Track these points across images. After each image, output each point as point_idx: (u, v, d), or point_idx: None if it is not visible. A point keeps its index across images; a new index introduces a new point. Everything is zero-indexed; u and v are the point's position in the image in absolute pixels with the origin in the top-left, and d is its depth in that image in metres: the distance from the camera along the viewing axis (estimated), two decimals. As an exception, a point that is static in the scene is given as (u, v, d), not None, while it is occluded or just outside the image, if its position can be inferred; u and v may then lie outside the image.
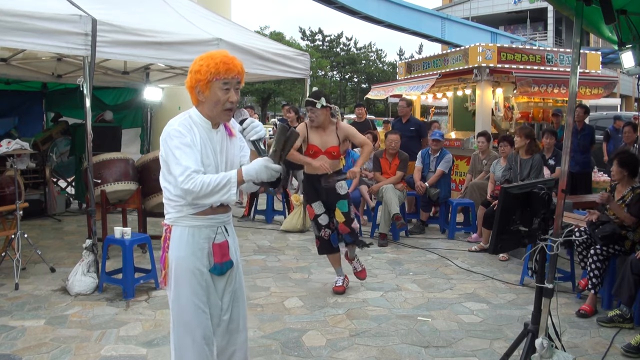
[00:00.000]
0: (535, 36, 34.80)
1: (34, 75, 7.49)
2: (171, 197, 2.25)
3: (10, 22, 4.00)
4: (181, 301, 2.26)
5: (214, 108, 2.22)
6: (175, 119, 2.25)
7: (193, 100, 2.28)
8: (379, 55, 44.91)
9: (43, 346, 3.49)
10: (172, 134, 2.18)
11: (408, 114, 8.04)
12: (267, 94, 37.06)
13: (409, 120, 8.00)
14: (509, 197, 2.73)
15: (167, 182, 2.26)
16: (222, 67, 2.16)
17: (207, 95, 2.20)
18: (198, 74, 2.18)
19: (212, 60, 2.18)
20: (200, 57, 2.23)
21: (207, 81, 2.17)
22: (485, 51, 8.61)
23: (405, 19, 26.82)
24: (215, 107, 2.22)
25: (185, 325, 2.26)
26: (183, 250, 2.24)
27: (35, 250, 5.10)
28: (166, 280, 2.31)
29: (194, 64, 2.22)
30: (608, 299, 4.26)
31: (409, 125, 7.83)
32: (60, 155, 8.30)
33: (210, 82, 2.17)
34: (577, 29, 3.09)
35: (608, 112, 15.43)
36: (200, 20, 5.93)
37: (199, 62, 2.21)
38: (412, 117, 8.21)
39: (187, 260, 2.24)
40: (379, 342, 3.64)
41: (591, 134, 8.04)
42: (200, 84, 2.19)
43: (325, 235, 4.60)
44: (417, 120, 8.71)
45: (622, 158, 4.36)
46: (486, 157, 7.02)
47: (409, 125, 7.86)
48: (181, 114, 2.29)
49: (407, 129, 7.67)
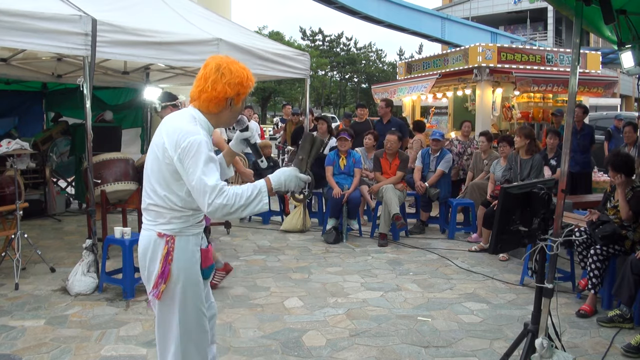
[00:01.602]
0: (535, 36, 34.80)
1: (34, 75, 7.49)
2: (176, 207, 2.14)
3: (10, 22, 4.00)
4: (188, 311, 2.21)
5: (232, 119, 2.22)
6: (186, 121, 2.13)
7: (214, 108, 2.16)
8: (379, 55, 44.95)
9: (43, 346, 3.49)
10: (202, 145, 2.04)
11: (388, 115, 8.26)
12: (267, 93, 37.07)
13: (390, 120, 8.18)
14: (509, 197, 2.73)
15: (170, 191, 2.13)
16: (253, 80, 2.18)
17: (238, 107, 2.18)
18: (240, 86, 2.14)
19: (248, 72, 2.16)
20: (234, 66, 2.15)
21: (245, 94, 2.16)
22: (485, 51, 8.63)
23: (405, 19, 26.83)
24: (234, 118, 2.22)
25: (191, 334, 2.23)
26: (189, 260, 2.19)
27: (35, 250, 5.10)
28: (162, 294, 2.17)
29: (233, 75, 2.14)
30: (608, 299, 4.26)
31: (390, 126, 7.92)
32: (60, 155, 8.29)
33: (246, 94, 2.18)
34: (577, 29, 3.09)
35: (608, 112, 15.43)
36: (200, 20, 5.93)
37: (240, 72, 2.15)
38: (393, 117, 8.42)
39: (193, 269, 2.20)
40: (379, 342, 3.64)
41: (591, 134, 8.05)
42: (240, 97, 2.17)
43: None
44: (398, 120, 8.83)
45: (615, 163, 4.30)
46: (487, 156, 7.02)
47: (390, 125, 7.97)
48: (186, 115, 2.18)
49: (387, 129, 7.73)
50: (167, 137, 2.10)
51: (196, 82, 2.20)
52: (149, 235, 2.19)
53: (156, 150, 2.14)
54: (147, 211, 2.20)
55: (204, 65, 2.19)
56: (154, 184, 2.16)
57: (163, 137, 2.12)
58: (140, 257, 2.24)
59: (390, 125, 7.94)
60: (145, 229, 2.22)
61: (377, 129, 7.90)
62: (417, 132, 8.70)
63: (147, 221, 2.21)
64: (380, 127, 8.07)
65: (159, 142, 2.13)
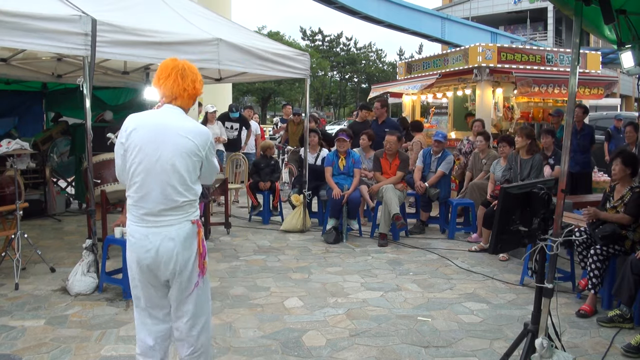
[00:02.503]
0: (535, 36, 34.83)
1: (34, 75, 7.49)
2: (196, 197, 2.51)
3: (10, 22, 3.99)
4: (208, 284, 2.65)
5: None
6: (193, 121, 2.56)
7: (191, 104, 2.56)
8: (379, 55, 44.96)
9: (43, 346, 3.49)
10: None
11: (384, 115, 8.31)
12: (267, 94, 37.09)
13: (385, 121, 8.22)
14: (509, 197, 2.73)
15: (198, 184, 2.52)
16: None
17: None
18: (201, 85, 2.55)
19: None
20: (195, 68, 2.54)
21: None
22: (485, 51, 8.61)
23: (405, 19, 26.84)
24: None
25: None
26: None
27: (35, 250, 5.10)
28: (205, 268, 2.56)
29: (199, 75, 2.54)
30: (608, 299, 4.26)
31: (385, 126, 7.95)
32: (60, 155, 8.29)
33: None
34: (577, 29, 3.09)
35: (608, 112, 15.43)
36: (200, 20, 5.93)
37: (199, 73, 2.56)
38: (388, 118, 8.45)
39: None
40: (379, 342, 3.64)
41: (591, 134, 8.05)
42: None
43: None
44: (393, 121, 8.85)
45: (626, 156, 4.36)
46: (486, 156, 7.02)
47: (385, 126, 7.99)
48: (183, 115, 2.53)
49: (382, 130, 7.76)
50: (195, 138, 2.45)
51: (171, 82, 2.44)
52: (183, 227, 2.44)
53: (182, 150, 2.41)
54: (178, 208, 2.43)
55: (172, 66, 2.46)
56: (187, 182, 2.44)
57: (190, 139, 2.43)
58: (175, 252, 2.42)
59: (385, 126, 7.97)
60: (173, 224, 2.42)
61: (372, 129, 7.91)
62: (415, 132, 8.69)
63: (175, 217, 2.43)
64: (375, 127, 8.09)
65: (186, 143, 2.42)
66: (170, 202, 2.39)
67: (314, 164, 7.34)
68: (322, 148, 7.67)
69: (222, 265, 5.46)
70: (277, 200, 7.72)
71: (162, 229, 2.40)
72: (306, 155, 7.14)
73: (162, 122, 2.42)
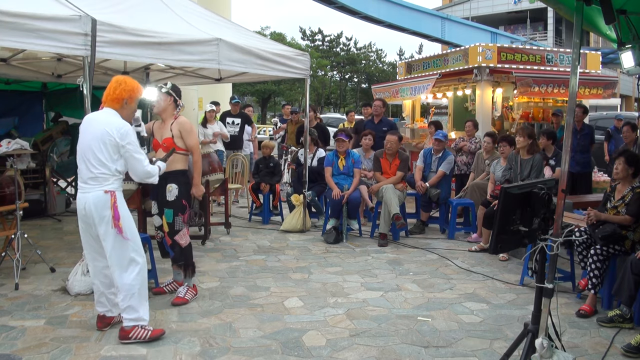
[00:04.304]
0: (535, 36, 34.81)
1: (34, 75, 7.49)
2: (110, 173, 3.53)
3: (10, 22, 3.99)
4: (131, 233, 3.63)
5: (130, 115, 3.74)
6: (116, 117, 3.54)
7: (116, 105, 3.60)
8: (379, 55, 44.88)
9: (43, 346, 3.49)
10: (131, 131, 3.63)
11: (382, 114, 8.30)
12: (267, 94, 37.06)
13: (382, 120, 8.22)
14: (509, 197, 2.73)
15: (111, 162, 3.51)
16: (141, 91, 3.72)
17: (132, 105, 3.64)
18: (132, 91, 3.62)
19: (138, 85, 3.69)
20: (129, 80, 3.61)
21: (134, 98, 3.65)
22: (485, 51, 8.62)
23: (405, 19, 26.82)
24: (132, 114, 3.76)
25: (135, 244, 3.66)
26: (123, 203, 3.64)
27: (35, 250, 5.10)
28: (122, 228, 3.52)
29: (127, 85, 3.59)
30: (608, 299, 4.26)
31: (382, 126, 7.95)
32: (60, 155, 8.30)
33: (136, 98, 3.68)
34: (577, 29, 3.09)
35: (608, 112, 15.44)
36: (200, 20, 5.93)
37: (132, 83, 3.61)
38: (384, 117, 8.45)
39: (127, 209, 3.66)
40: (379, 342, 3.64)
41: (591, 134, 8.04)
42: (132, 99, 3.63)
43: (158, 238, 4.48)
44: (389, 120, 8.87)
45: (629, 156, 4.36)
46: (489, 157, 7.00)
47: (382, 125, 7.99)
48: (112, 113, 3.55)
49: (379, 129, 7.76)
50: (113, 130, 3.43)
51: (105, 91, 3.55)
52: (97, 194, 3.45)
53: (99, 137, 3.43)
54: (95, 179, 3.46)
55: (111, 81, 3.56)
56: (101, 160, 3.44)
57: (106, 129, 3.43)
58: (92, 211, 3.45)
59: (381, 125, 7.97)
60: (91, 191, 3.47)
61: (368, 128, 7.90)
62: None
63: (92, 185, 3.47)
64: (372, 126, 8.08)
65: (103, 133, 3.43)
66: (89, 172, 3.46)
67: (310, 165, 7.32)
68: (318, 148, 7.65)
69: (222, 265, 5.46)
70: (277, 200, 7.72)
71: (86, 194, 3.48)
72: (306, 156, 7.14)
73: (95, 118, 3.55)
